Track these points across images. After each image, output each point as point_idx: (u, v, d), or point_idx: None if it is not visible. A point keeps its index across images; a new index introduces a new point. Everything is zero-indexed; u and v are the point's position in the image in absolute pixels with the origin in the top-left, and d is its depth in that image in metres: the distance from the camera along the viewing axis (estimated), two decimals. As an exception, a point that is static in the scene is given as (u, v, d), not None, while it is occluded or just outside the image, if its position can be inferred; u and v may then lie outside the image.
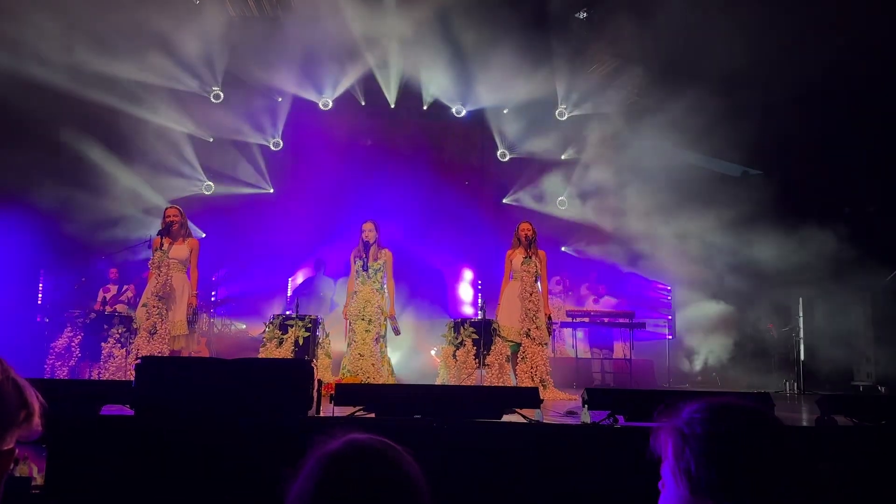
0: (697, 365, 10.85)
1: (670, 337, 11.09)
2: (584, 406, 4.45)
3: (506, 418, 4.35)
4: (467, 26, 9.90)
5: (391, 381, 7.17)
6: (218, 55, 10.50)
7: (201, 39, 10.08)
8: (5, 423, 1.37)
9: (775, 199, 10.91)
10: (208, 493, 3.52)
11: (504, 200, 12.33)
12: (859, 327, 9.66)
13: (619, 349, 10.33)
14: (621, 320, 9.83)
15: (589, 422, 4.34)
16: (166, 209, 7.16)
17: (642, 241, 11.09)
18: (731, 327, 10.61)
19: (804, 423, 4.87)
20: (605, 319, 9.85)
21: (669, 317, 11.58)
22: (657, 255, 10.94)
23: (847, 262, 9.41)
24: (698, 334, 10.97)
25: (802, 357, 9.48)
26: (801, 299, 9.67)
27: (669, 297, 11.75)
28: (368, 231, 7.42)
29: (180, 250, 6.93)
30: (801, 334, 9.57)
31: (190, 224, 7.25)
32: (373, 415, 4.26)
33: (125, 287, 9.61)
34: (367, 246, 7.37)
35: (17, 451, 1.38)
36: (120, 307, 8.83)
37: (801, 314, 9.60)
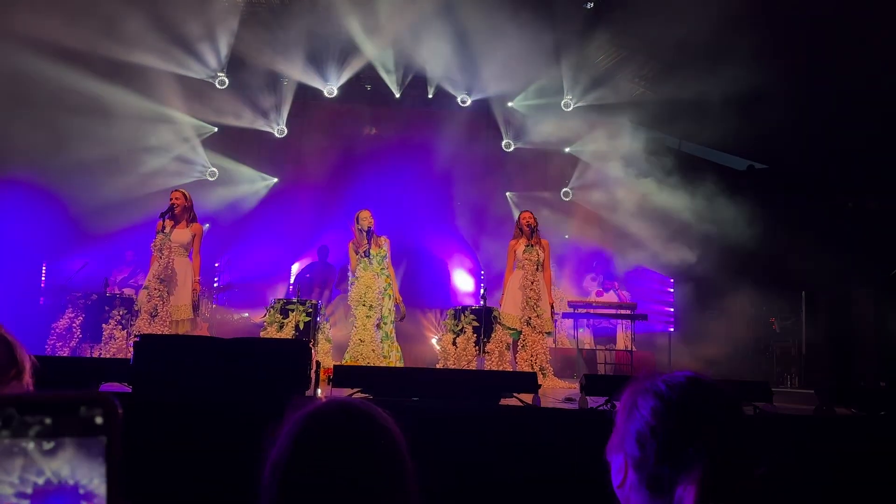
0: (698, 358, 10.82)
1: (672, 329, 11.06)
2: (581, 392, 4.45)
3: (504, 402, 4.36)
4: (474, 15, 9.85)
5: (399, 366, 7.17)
6: (224, 41, 10.48)
7: (207, 25, 10.07)
8: None
9: (780, 192, 10.88)
10: (203, 469, 3.53)
11: (508, 191, 12.31)
12: (861, 321, 9.63)
13: (621, 341, 10.31)
14: (623, 312, 9.79)
15: (587, 407, 4.35)
16: (171, 192, 7.17)
17: (645, 234, 11.05)
18: (732, 320, 10.58)
19: (803, 413, 4.85)
20: (607, 311, 9.82)
21: (672, 309, 11.56)
22: (660, 248, 10.91)
23: (850, 256, 9.36)
24: (700, 327, 10.95)
25: (804, 351, 9.46)
26: (803, 293, 9.64)
27: (672, 290, 11.73)
28: (369, 218, 7.45)
29: (183, 234, 6.93)
30: (804, 328, 9.54)
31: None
32: (370, 396, 4.27)
33: (139, 272, 9.62)
34: (368, 233, 7.38)
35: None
36: (128, 291, 8.82)
37: (803, 308, 9.56)
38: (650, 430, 1.27)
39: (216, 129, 11.33)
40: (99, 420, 0.65)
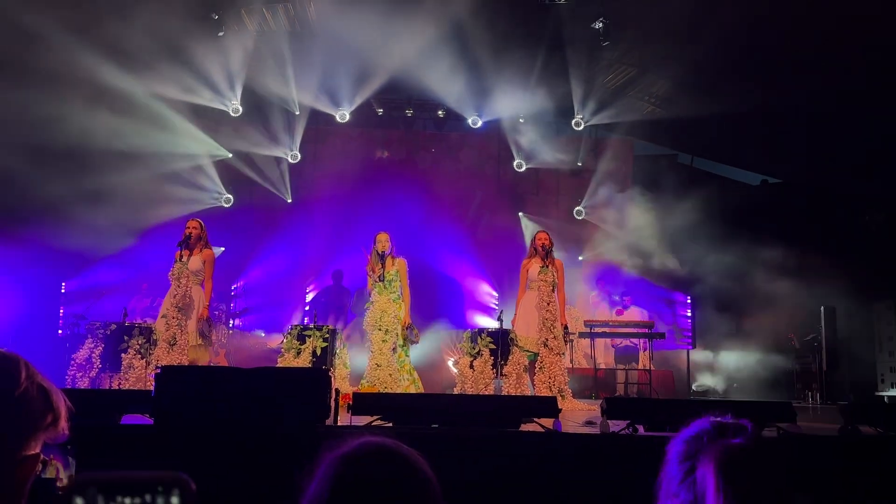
0: (718, 375, 10.73)
1: (691, 348, 10.97)
2: (602, 415, 4.42)
3: (524, 428, 4.33)
4: (483, 37, 9.93)
5: (414, 389, 7.14)
6: (237, 69, 10.61)
7: (220, 53, 10.20)
8: (31, 427, 1.37)
9: (795, 207, 10.82)
10: (225, 501, 3.52)
11: (520, 210, 12.32)
12: (882, 336, 9.51)
13: (640, 360, 10.23)
14: (640, 331, 9.73)
15: (608, 431, 4.31)
16: (187, 221, 7.23)
17: (660, 251, 11.01)
18: (752, 337, 10.49)
19: (827, 434, 4.79)
20: (624, 330, 9.76)
21: (690, 327, 11.48)
22: (676, 265, 10.86)
23: (869, 270, 9.28)
24: (719, 344, 10.87)
25: (825, 367, 9.33)
26: (822, 308, 9.53)
27: (689, 308, 11.65)
28: (384, 241, 7.45)
29: (195, 262, 6.98)
30: (824, 344, 9.42)
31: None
32: (390, 424, 4.26)
33: (159, 299, 9.66)
34: (381, 256, 7.38)
35: (41, 454, 1.38)
36: (150, 321, 8.80)
37: (822, 323, 9.45)
38: None
39: (230, 156, 11.44)
40: (175, 500, 0.71)
